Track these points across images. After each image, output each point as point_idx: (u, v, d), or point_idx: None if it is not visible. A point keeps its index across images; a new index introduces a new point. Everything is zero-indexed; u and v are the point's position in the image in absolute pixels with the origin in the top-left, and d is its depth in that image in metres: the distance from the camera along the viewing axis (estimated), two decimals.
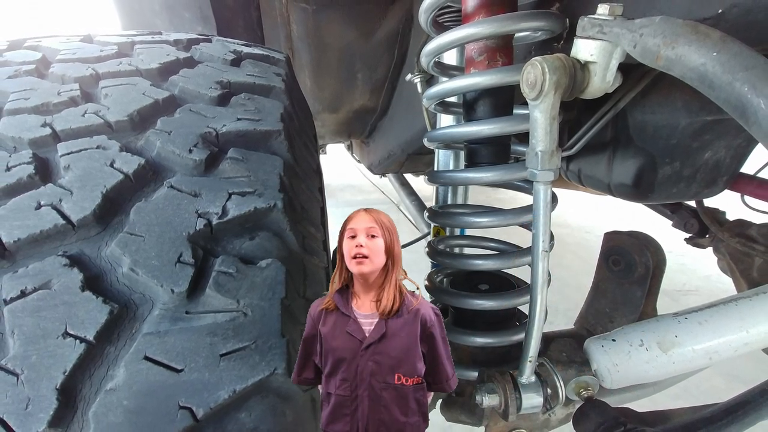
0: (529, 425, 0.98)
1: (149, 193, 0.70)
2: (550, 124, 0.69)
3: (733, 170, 1.27)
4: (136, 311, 0.58)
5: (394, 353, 0.62)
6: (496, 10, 0.87)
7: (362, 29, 1.92)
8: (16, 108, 0.80)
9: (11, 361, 0.52)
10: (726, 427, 0.70)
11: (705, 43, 0.50)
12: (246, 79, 1.01)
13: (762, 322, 0.80)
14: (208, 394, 0.53)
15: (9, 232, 0.60)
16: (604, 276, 1.21)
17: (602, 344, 0.86)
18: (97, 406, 0.51)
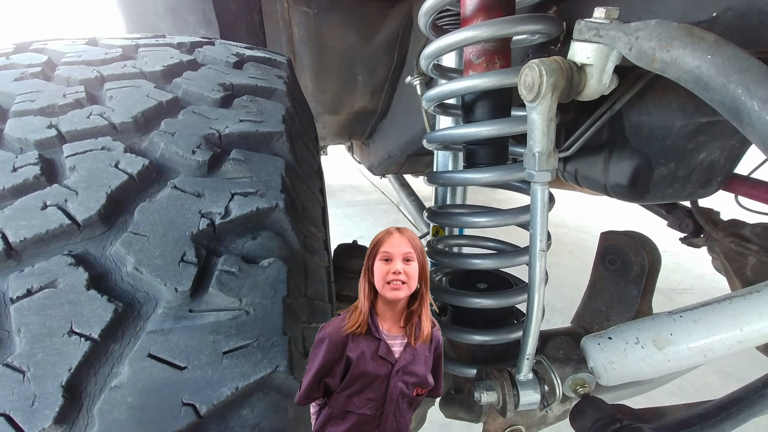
0: (527, 422, 0.99)
1: (153, 194, 0.70)
2: (548, 125, 0.69)
3: (727, 171, 1.29)
4: (141, 310, 0.58)
5: (420, 373, 0.62)
6: (494, 13, 0.88)
7: (362, 32, 1.92)
8: (23, 110, 0.80)
9: (17, 358, 0.52)
10: (720, 424, 0.70)
11: (700, 46, 0.51)
12: (248, 82, 1.01)
13: (755, 320, 0.81)
14: (211, 391, 0.53)
15: (15, 231, 0.60)
16: (601, 275, 1.22)
17: (598, 342, 0.86)
18: (102, 403, 0.51)
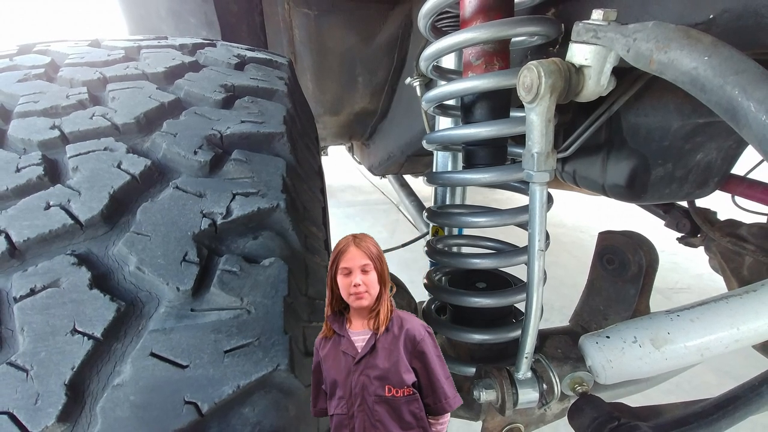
0: (525, 420, 0.99)
1: (155, 194, 0.70)
2: (546, 126, 0.70)
3: (724, 171, 1.29)
4: (143, 309, 0.58)
5: (382, 365, 0.62)
6: (493, 15, 0.88)
7: (363, 34, 1.93)
8: (26, 111, 0.80)
9: (21, 357, 0.52)
10: (717, 422, 0.71)
11: (697, 48, 0.51)
12: (249, 83, 1.02)
13: (752, 319, 0.81)
14: (212, 389, 0.54)
15: (19, 231, 0.60)
16: (599, 274, 1.22)
17: (596, 341, 0.86)
18: (104, 401, 0.51)
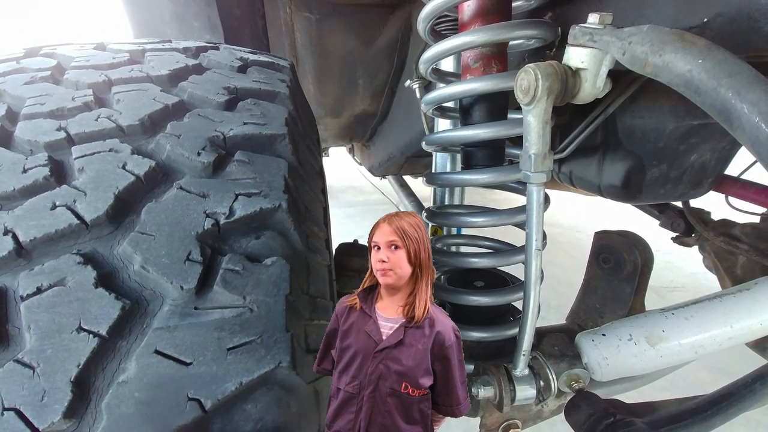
0: (523, 416, 1.00)
1: (159, 194, 0.71)
2: (543, 128, 0.71)
3: (718, 172, 1.31)
4: (147, 307, 0.59)
5: (405, 362, 0.61)
6: (491, 19, 0.90)
7: (363, 37, 1.93)
8: (33, 113, 0.81)
9: (27, 354, 0.53)
10: (711, 418, 0.72)
11: (691, 51, 0.52)
12: (252, 85, 1.02)
13: (745, 317, 0.82)
14: (215, 386, 0.54)
15: (26, 231, 0.61)
16: (595, 273, 1.24)
17: (593, 339, 0.88)
18: (109, 397, 0.52)
